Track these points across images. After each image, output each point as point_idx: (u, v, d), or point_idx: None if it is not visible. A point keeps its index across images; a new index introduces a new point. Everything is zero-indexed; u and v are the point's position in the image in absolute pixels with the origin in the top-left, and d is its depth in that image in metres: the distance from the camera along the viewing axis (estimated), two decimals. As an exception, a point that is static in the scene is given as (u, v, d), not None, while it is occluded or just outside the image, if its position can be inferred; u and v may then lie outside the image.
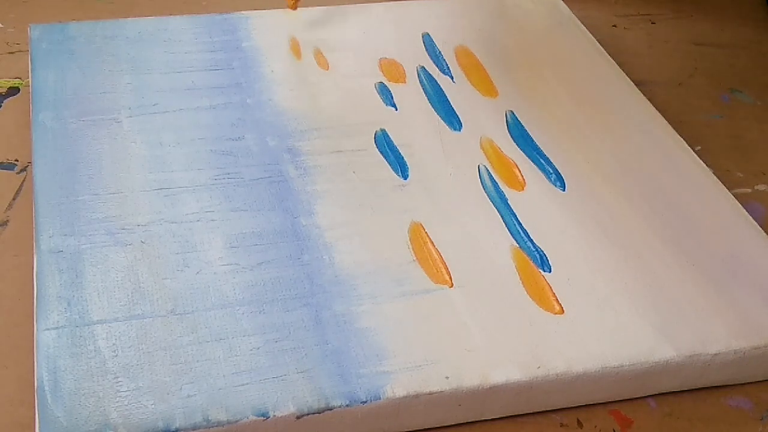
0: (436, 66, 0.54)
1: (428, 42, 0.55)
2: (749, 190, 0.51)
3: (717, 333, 0.39)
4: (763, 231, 0.45)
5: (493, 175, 0.46)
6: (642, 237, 0.44)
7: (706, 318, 0.40)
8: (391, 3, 0.59)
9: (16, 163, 0.48)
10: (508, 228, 0.44)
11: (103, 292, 0.39)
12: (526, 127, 0.50)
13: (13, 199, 0.46)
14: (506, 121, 0.50)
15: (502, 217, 0.44)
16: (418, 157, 0.47)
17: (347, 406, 0.35)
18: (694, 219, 0.45)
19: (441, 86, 0.52)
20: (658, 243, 0.43)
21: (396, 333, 0.38)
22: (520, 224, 0.44)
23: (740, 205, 0.46)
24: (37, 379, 0.35)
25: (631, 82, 0.54)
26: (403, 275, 0.41)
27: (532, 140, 0.49)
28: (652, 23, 0.65)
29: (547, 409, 0.39)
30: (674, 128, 0.51)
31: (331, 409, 0.35)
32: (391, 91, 0.51)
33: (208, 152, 0.46)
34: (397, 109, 0.50)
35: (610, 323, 0.39)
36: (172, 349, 0.37)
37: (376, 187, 0.45)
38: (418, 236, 0.43)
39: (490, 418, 0.38)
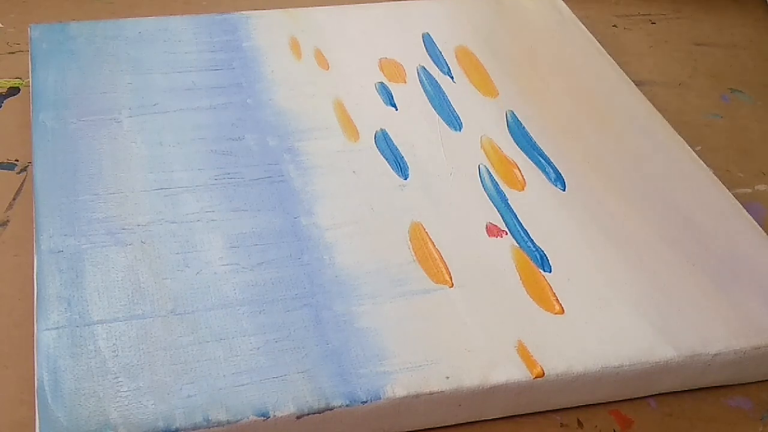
0: (436, 66, 0.54)
1: (428, 42, 0.55)
2: (749, 190, 0.51)
3: (717, 333, 0.39)
4: (763, 231, 0.45)
5: (493, 175, 0.46)
6: (642, 237, 0.44)
7: (706, 318, 0.40)
8: (391, 3, 0.59)
9: (16, 163, 0.48)
10: (508, 228, 0.44)
11: (103, 292, 0.39)
12: (526, 127, 0.50)
13: (13, 199, 0.46)
14: (506, 121, 0.50)
15: (502, 217, 0.44)
16: (418, 157, 0.47)
17: (347, 406, 0.36)
18: (694, 219, 0.45)
19: (441, 86, 0.52)
20: (658, 243, 0.43)
21: (396, 333, 0.38)
22: (520, 224, 0.44)
23: (740, 205, 0.46)
24: (37, 379, 0.35)
25: (631, 82, 0.54)
26: (403, 275, 0.41)
27: (532, 140, 0.49)
28: (652, 23, 0.65)
29: (547, 409, 0.39)
30: (674, 128, 0.51)
31: (331, 409, 0.35)
32: (391, 91, 0.51)
33: (209, 152, 0.46)
34: (397, 109, 0.50)
35: (610, 323, 0.39)
36: (173, 349, 0.37)
37: (376, 187, 0.45)
38: (418, 236, 0.43)
39: (490, 418, 0.38)
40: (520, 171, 0.47)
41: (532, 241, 0.43)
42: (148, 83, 0.50)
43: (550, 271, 0.42)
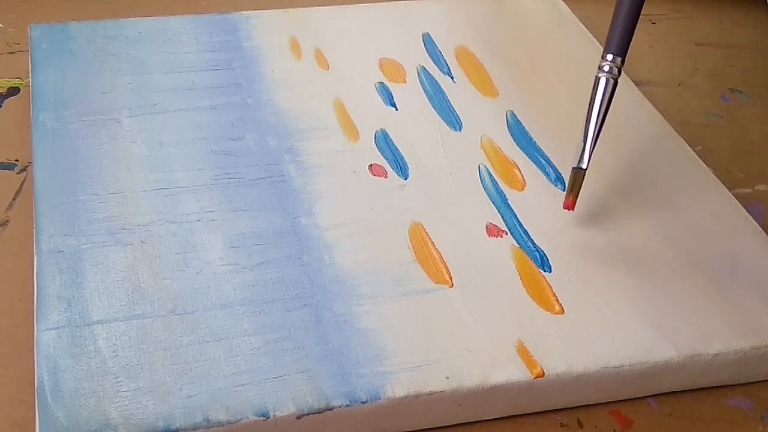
0: (436, 66, 0.54)
1: (428, 42, 0.55)
2: (749, 190, 0.51)
3: (717, 333, 0.39)
4: (763, 231, 0.45)
5: (494, 175, 0.46)
6: (642, 237, 0.44)
7: (706, 318, 0.40)
8: (391, 3, 0.59)
9: (16, 163, 0.48)
10: (508, 228, 0.44)
11: (103, 292, 0.39)
12: (526, 127, 0.50)
13: (13, 199, 0.46)
14: (506, 121, 0.50)
15: (502, 217, 0.44)
16: (418, 157, 0.47)
17: (347, 406, 0.36)
18: (694, 219, 0.45)
19: (441, 86, 0.52)
20: (658, 243, 0.43)
21: (396, 333, 0.38)
22: (520, 224, 0.44)
23: (740, 205, 0.46)
24: (37, 379, 0.35)
25: (631, 82, 0.54)
26: (403, 275, 0.41)
27: (532, 140, 0.49)
28: (653, 23, 0.65)
29: (547, 409, 0.39)
30: (674, 128, 0.51)
31: (331, 409, 0.35)
32: (391, 91, 0.51)
33: (209, 152, 0.46)
34: (397, 109, 0.50)
35: (610, 323, 0.39)
36: (172, 349, 0.37)
37: (376, 186, 0.45)
38: (418, 236, 0.43)
39: (490, 418, 0.38)
40: (520, 171, 0.47)
41: (532, 241, 0.43)
42: (148, 83, 0.50)
43: (550, 271, 0.42)
